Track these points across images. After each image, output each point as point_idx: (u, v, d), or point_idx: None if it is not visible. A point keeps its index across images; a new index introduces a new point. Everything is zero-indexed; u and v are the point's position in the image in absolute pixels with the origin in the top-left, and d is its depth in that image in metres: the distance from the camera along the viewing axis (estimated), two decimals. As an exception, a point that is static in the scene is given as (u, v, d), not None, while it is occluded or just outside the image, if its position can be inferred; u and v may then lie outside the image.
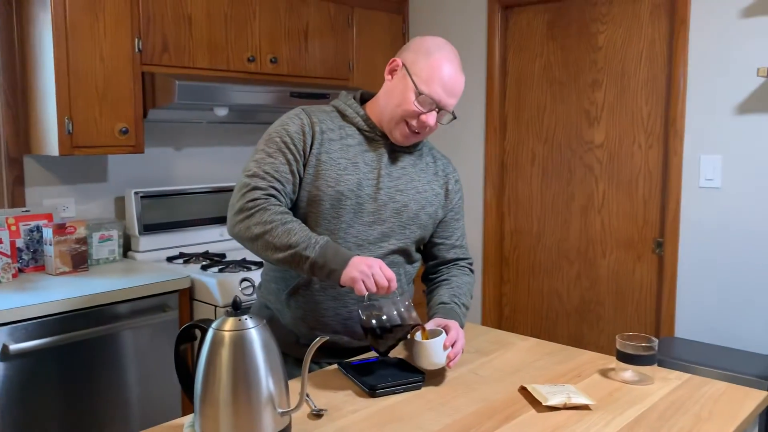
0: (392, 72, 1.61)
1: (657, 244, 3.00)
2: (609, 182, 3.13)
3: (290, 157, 1.54)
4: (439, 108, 1.56)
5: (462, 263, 1.76)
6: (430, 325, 1.52)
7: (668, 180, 2.91)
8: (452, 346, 1.45)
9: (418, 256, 1.74)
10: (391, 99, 1.59)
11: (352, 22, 3.37)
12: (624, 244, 3.11)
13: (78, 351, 2.19)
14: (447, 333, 1.47)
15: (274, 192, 1.52)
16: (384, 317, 1.42)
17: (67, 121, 2.39)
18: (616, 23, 3.05)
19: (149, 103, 2.60)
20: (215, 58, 2.81)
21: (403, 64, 1.58)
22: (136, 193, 2.79)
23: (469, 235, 3.59)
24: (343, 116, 1.65)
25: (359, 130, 1.63)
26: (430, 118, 1.56)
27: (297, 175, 1.55)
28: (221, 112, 2.78)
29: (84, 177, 2.80)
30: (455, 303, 1.64)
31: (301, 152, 1.55)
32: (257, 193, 1.50)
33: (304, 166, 1.56)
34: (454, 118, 1.61)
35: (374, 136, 1.63)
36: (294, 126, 1.57)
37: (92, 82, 2.45)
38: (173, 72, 2.66)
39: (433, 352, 1.42)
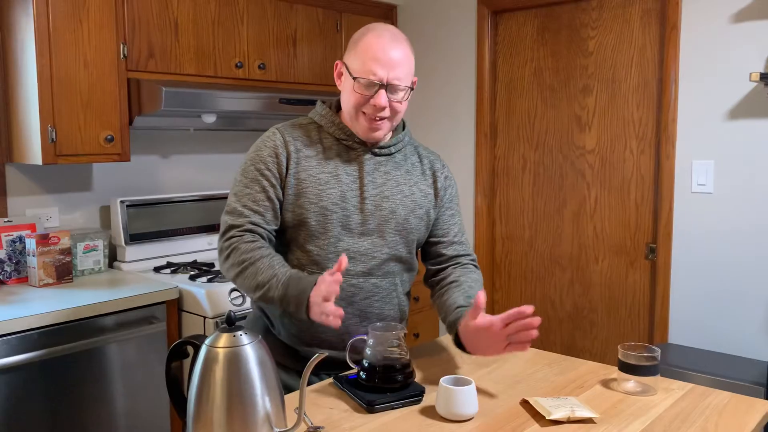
0: (339, 77, 1.60)
1: (650, 250, 2.99)
2: (601, 188, 3.12)
3: (265, 183, 1.53)
4: (384, 85, 1.50)
5: (465, 260, 1.70)
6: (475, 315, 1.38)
7: (660, 185, 2.89)
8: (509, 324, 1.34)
9: (416, 263, 1.69)
10: (345, 100, 1.58)
11: (340, 28, 3.33)
12: (616, 250, 3.09)
13: (63, 365, 2.13)
14: (492, 321, 1.35)
15: (250, 226, 1.51)
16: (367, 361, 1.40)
17: (50, 129, 2.33)
18: (607, 29, 3.04)
19: (135, 110, 2.54)
20: (202, 64, 2.76)
21: (343, 63, 1.58)
22: (121, 201, 2.73)
23: (461, 241, 3.56)
24: (319, 127, 1.62)
25: (337, 140, 1.59)
26: (379, 98, 1.50)
27: (276, 200, 1.54)
28: (209, 119, 2.73)
29: (68, 186, 2.73)
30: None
31: (277, 175, 1.54)
32: (232, 231, 1.51)
33: (283, 188, 1.54)
34: (412, 89, 1.56)
35: (352, 143, 1.59)
36: (266, 150, 1.55)
37: (76, 89, 2.39)
38: (160, 78, 2.61)
39: (465, 400, 1.31)
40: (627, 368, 1.45)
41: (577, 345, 3.24)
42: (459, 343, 1.48)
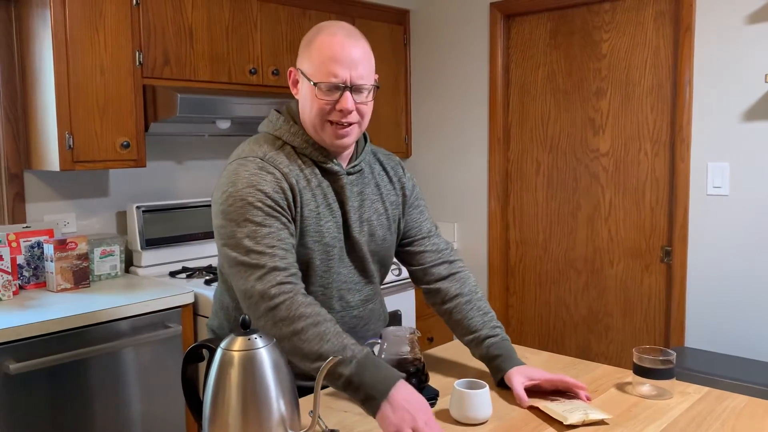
0: (294, 85, 1.46)
1: (665, 253, 2.97)
2: (615, 191, 3.10)
3: (284, 220, 1.35)
4: (348, 86, 1.36)
5: (455, 266, 1.61)
6: (519, 379, 1.41)
7: (675, 188, 2.88)
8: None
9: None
10: (305, 110, 1.42)
11: (353, 33, 3.34)
12: (632, 253, 3.08)
13: (80, 369, 2.15)
14: (561, 387, 1.41)
15: (294, 270, 1.33)
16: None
17: (67, 135, 2.36)
18: (620, 31, 3.03)
19: (151, 117, 2.57)
20: (217, 70, 2.79)
21: (297, 70, 1.44)
22: (137, 207, 2.75)
23: (474, 246, 3.56)
24: (293, 149, 1.44)
25: (314, 161, 1.44)
26: (345, 101, 1.36)
27: (294, 240, 1.38)
28: (223, 124, 2.76)
29: (85, 192, 2.76)
30: (501, 335, 1.52)
31: (289, 214, 1.37)
32: (281, 276, 1.29)
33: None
34: (376, 87, 1.43)
35: (332, 165, 1.44)
36: (269, 185, 1.35)
37: (93, 97, 2.42)
38: (175, 85, 2.64)
39: (480, 404, 1.30)
40: (642, 371, 1.45)
41: (592, 349, 3.23)
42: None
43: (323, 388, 1.50)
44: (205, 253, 3.00)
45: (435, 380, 1.52)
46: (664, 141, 2.94)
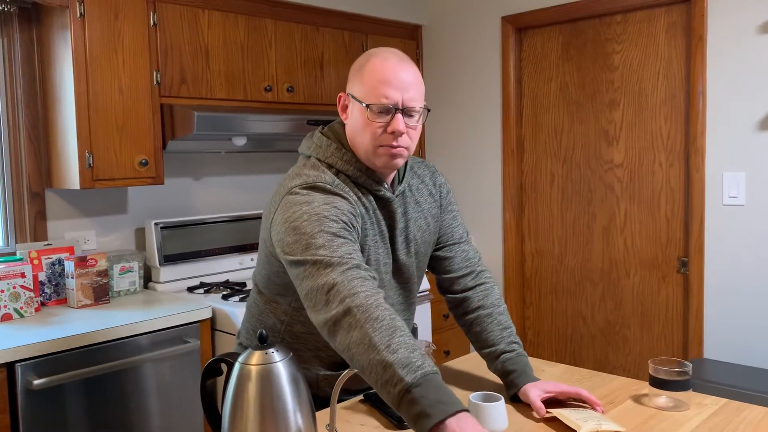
0: (344, 110, 1.45)
1: (682, 264, 2.96)
2: (630, 202, 3.10)
3: (356, 242, 1.31)
4: (400, 108, 1.36)
5: (481, 277, 1.60)
6: (535, 392, 1.40)
7: (691, 198, 2.87)
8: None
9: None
10: (356, 134, 1.40)
11: (366, 49, 3.39)
12: (648, 264, 3.06)
13: (100, 384, 2.18)
14: (579, 401, 1.42)
15: (376, 276, 1.28)
16: None
17: (87, 154, 2.41)
18: (632, 43, 3.04)
19: (168, 135, 2.62)
20: (233, 88, 2.83)
21: (348, 94, 1.44)
22: (156, 224, 2.80)
23: (490, 257, 3.56)
24: (349, 177, 1.42)
25: (368, 190, 1.43)
26: (396, 123, 1.36)
27: None
28: (240, 141, 2.80)
29: (104, 209, 2.81)
30: (517, 350, 1.51)
31: (358, 240, 1.34)
32: (363, 273, 1.23)
33: None
34: (428, 110, 1.43)
35: (384, 192, 1.44)
36: (345, 206, 1.33)
37: (112, 116, 2.47)
38: (192, 103, 2.68)
39: (495, 416, 1.31)
40: (658, 383, 1.44)
41: (610, 361, 3.21)
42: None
43: (341, 401, 1.52)
44: (223, 268, 3.03)
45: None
46: (679, 151, 2.94)
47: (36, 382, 2.01)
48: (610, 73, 3.12)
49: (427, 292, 3.12)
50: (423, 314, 3.10)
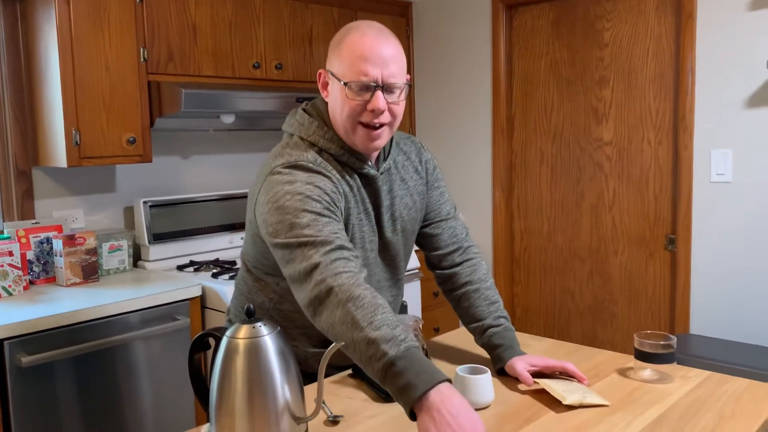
0: (324, 87, 1.42)
1: (669, 241, 2.98)
2: (619, 179, 3.11)
3: (340, 222, 1.31)
4: (380, 85, 1.32)
5: (469, 252, 1.60)
6: (521, 365, 1.43)
7: (679, 175, 2.88)
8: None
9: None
10: (336, 112, 1.37)
11: (356, 26, 3.36)
12: (636, 242, 3.09)
13: (90, 362, 2.19)
14: (565, 374, 1.44)
15: (360, 256, 1.29)
16: None
17: (74, 132, 2.39)
18: (622, 20, 3.03)
19: (156, 112, 2.60)
20: (220, 65, 2.81)
21: (327, 71, 1.40)
22: (144, 202, 2.78)
23: (479, 236, 3.58)
24: (332, 156, 1.40)
25: (351, 167, 1.42)
26: (376, 100, 1.32)
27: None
28: (228, 119, 2.78)
29: (92, 187, 2.80)
30: (504, 325, 1.52)
31: (342, 219, 1.34)
32: (347, 254, 1.24)
33: None
34: (409, 85, 1.40)
35: (368, 170, 1.42)
36: (328, 186, 1.32)
37: (98, 93, 2.45)
38: (179, 80, 2.66)
39: (481, 389, 1.33)
40: (643, 356, 1.46)
41: (598, 337, 3.24)
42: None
43: (327, 376, 1.53)
44: (212, 246, 3.03)
45: (438, 366, 1.54)
46: (667, 129, 2.94)
47: (25, 359, 2.01)
48: (600, 50, 3.11)
49: (417, 270, 3.14)
50: (413, 292, 3.11)
